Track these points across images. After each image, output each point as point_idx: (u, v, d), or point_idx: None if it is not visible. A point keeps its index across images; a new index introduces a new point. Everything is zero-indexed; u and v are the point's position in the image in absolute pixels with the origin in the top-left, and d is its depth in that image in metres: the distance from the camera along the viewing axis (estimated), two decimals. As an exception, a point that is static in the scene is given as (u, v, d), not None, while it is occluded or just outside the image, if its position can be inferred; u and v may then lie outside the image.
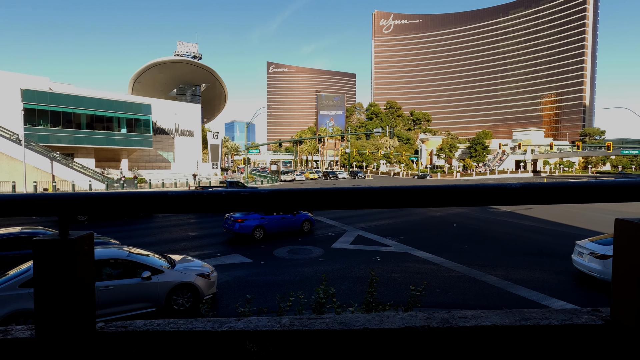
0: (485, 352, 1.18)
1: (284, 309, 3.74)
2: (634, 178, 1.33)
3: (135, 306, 7.75)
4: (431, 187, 1.22)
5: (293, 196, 1.23)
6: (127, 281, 7.72)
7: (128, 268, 7.94)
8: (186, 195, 1.24)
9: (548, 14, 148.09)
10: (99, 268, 7.67)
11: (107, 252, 8.19)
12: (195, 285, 8.40)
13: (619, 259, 1.22)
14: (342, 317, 1.30)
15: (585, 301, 9.14)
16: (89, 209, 1.21)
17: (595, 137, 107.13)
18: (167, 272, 8.29)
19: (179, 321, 1.29)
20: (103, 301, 7.28)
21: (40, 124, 42.82)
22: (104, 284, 7.43)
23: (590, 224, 20.59)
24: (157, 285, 7.96)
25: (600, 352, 1.18)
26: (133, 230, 18.62)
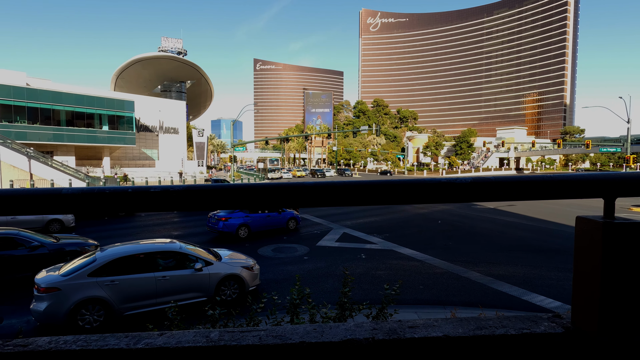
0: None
1: (255, 310, 3.65)
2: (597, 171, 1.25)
3: (188, 295, 8.26)
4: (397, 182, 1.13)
5: (260, 192, 1.11)
6: (181, 272, 8.26)
7: (181, 260, 8.50)
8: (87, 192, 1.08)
9: (531, 14, 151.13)
10: (155, 260, 8.26)
11: (162, 246, 8.82)
12: (241, 277, 8.90)
13: (580, 260, 1.14)
14: (279, 329, 1.18)
15: (565, 294, 9.33)
16: None
17: (575, 136, 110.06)
18: (216, 264, 8.82)
19: (90, 337, 1.13)
20: (161, 290, 7.93)
21: (17, 120, 41.37)
22: (161, 275, 8.04)
23: (568, 220, 21.10)
24: (207, 276, 8.49)
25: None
26: (114, 230, 18.17)
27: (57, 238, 11.54)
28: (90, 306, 7.38)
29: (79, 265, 7.83)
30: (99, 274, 7.60)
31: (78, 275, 7.47)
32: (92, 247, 11.58)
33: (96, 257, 7.92)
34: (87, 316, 7.39)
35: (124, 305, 7.65)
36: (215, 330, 1.19)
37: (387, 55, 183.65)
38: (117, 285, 7.62)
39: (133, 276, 7.81)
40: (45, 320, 7.22)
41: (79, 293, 7.29)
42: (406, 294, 9.09)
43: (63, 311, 7.16)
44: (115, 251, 8.16)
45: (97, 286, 7.45)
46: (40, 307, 7.15)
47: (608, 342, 1.08)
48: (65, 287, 7.29)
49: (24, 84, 43.47)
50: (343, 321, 3.75)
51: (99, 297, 7.41)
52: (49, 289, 7.24)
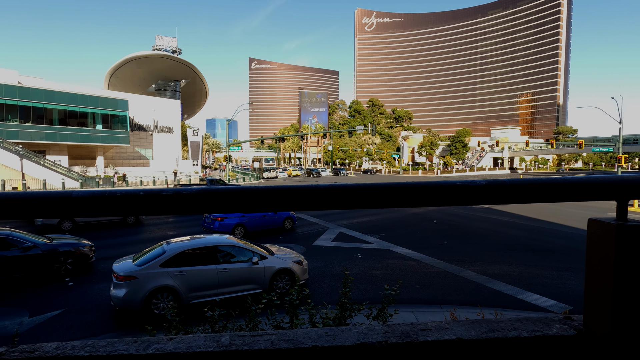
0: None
1: (255, 312, 3.63)
2: (604, 174, 1.25)
3: (245, 287, 8.79)
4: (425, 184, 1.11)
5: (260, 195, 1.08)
6: (239, 265, 8.82)
7: (239, 254, 9.06)
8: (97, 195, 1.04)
9: (524, 15, 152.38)
10: (216, 253, 8.82)
11: (221, 240, 9.32)
12: (292, 271, 9.35)
13: (592, 263, 1.14)
14: (291, 333, 1.16)
15: (558, 293, 9.41)
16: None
17: (568, 135, 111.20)
18: (270, 258, 9.32)
19: (98, 343, 1.10)
20: (222, 281, 8.51)
21: (8, 119, 40.83)
22: (222, 267, 8.60)
23: (562, 219, 21.31)
24: (262, 269, 8.99)
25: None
26: (108, 230, 18.00)
27: (51, 238, 11.40)
28: (162, 294, 7.99)
29: (150, 256, 8.48)
30: (168, 264, 8.21)
31: (151, 266, 8.11)
32: (87, 247, 11.46)
33: (165, 250, 8.53)
34: (159, 303, 7.99)
35: (190, 294, 8.24)
36: (226, 334, 1.16)
37: (383, 55, 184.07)
38: (184, 276, 8.22)
39: (198, 268, 8.41)
40: (123, 305, 7.84)
41: (153, 282, 7.92)
42: (403, 293, 9.10)
43: (139, 298, 7.76)
44: (181, 244, 8.82)
45: (167, 276, 8.08)
46: (120, 293, 7.77)
47: (621, 345, 1.07)
48: (141, 275, 7.93)
49: (15, 82, 42.90)
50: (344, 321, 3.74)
51: (169, 285, 8.02)
52: (127, 277, 7.86)
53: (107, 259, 12.68)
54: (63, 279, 10.51)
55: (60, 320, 7.86)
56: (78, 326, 7.63)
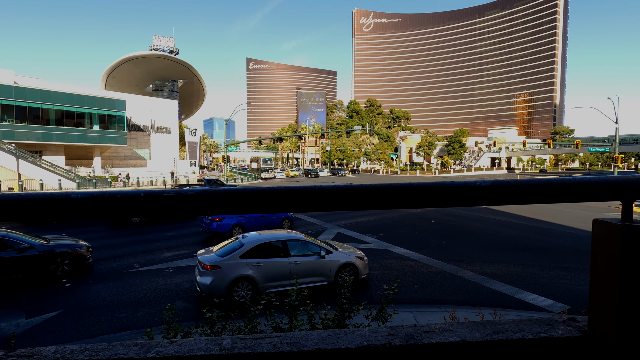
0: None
1: (254, 312, 3.61)
2: (603, 175, 1.24)
3: (314, 279, 9.44)
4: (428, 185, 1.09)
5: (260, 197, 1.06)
6: (308, 258, 9.46)
7: (307, 248, 9.68)
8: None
9: (521, 15, 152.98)
10: (287, 247, 9.46)
11: (290, 235, 9.97)
12: (356, 265, 9.91)
13: (597, 264, 1.13)
14: (293, 335, 1.14)
15: (556, 292, 9.43)
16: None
17: (565, 136, 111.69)
18: (335, 253, 9.92)
19: (98, 347, 1.08)
20: (294, 272, 9.10)
21: (4, 119, 40.58)
22: (293, 260, 9.27)
23: (559, 219, 21.39)
24: (329, 263, 9.62)
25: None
26: (105, 231, 17.92)
27: (47, 239, 11.32)
28: (242, 283, 8.74)
29: (229, 248, 9.26)
30: (247, 256, 8.96)
31: (232, 257, 8.87)
32: (84, 248, 11.40)
33: (243, 243, 9.28)
34: (240, 291, 8.73)
35: (265, 284, 8.92)
36: (227, 337, 1.15)
37: (380, 55, 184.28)
38: (261, 267, 8.93)
39: (272, 260, 9.12)
40: (209, 292, 8.53)
41: (235, 271, 8.69)
42: (401, 293, 9.11)
43: (224, 286, 8.51)
44: (257, 238, 9.53)
45: (247, 266, 8.83)
46: (207, 281, 8.56)
47: (627, 346, 1.06)
48: (225, 265, 8.69)
49: (12, 82, 42.64)
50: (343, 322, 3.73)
51: (248, 275, 8.77)
52: (213, 267, 8.63)
53: (104, 259, 12.62)
54: (60, 280, 10.44)
55: (57, 322, 7.81)
56: (75, 327, 7.58)
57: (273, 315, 3.55)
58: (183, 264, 12.14)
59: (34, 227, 17.55)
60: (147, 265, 11.91)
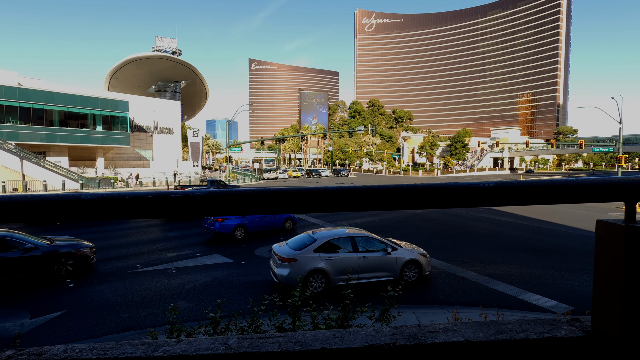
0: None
1: (257, 313, 3.61)
2: (606, 175, 1.24)
3: (380, 274, 9.98)
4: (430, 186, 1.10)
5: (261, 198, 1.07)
6: (375, 254, 9.96)
7: (374, 244, 10.18)
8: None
9: (524, 15, 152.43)
10: (355, 242, 10.02)
11: (357, 232, 10.48)
12: (420, 262, 10.28)
13: (601, 264, 1.13)
14: (298, 335, 1.15)
15: (559, 293, 9.39)
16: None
17: (568, 136, 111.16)
18: (400, 250, 10.29)
19: (106, 345, 1.10)
20: (362, 267, 9.73)
21: (9, 120, 40.83)
22: (362, 255, 9.83)
23: (562, 220, 21.30)
24: (395, 259, 10.07)
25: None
26: (109, 232, 17.99)
27: (51, 240, 11.38)
28: (316, 275, 9.39)
29: (302, 242, 9.97)
30: (320, 250, 9.59)
31: (307, 250, 9.54)
32: (87, 248, 11.45)
33: (315, 238, 9.93)
34: (314, 283, 9.35)
35: (336, 277, 9.53)
36: (233, 337, 1.16)
37: (383, 56, 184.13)
38: (332, 261, 9.54)
39: (343, 254, 9.72)
40: (287, 283, 9.17)
41: (310, 264, 9.36)
42: (404, 294, 9.09)
43: (300, 277, 8.40)
44: (328, 234, 10.18)
45: (320, 260, 9.48)
46: (284, 272, 9.29)
47: (630, 347, 1.06)
48: (300, 258, 9.39)
49: (15, 83, 42.91)
50: (346, 323, 3.73)
51: (321, 268, 9.40)
52: (289, 259, 9.34)
53: (107, 260, 12.67)
54: (64, 281, 10.50)
55: (61, 322, 7.85)
56: (79, 327, 7.62)
57: (276, 316, 3.56)
58: (186, 264, 12.17)
59: (37, 228, 17.66)
60: (150, 266, 11.95)
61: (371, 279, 9.86)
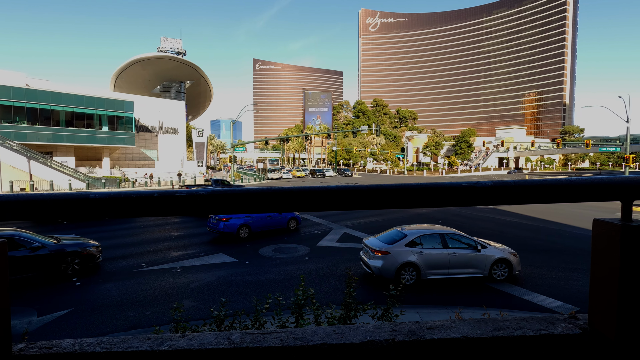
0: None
1: (261, 311, 3.64)
2: (610, 175, 1.25)
3: (469, 270, 10.23)
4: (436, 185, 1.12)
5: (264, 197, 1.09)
6: (465, 251, 10.25)
7: (464, 242, 10.45)
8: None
9: (530, 14, 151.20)
10: (445, 239, 10.33)
11: (447, 229, 10.87)
12: (510, 261, 10.37)
13: (597, 263, 1.14)
14: (299, 331, 1.18)
15: (565, 294, 9.33)
16: None
17: (575, 135, 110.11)
18: (490, 248, 10.47)
19: (113, 340, 1.14)
20: (452, 263, 10.08)
21: (16, 121, 41.30)
22: (452, 251, 10.15)
23: (568, 220, 21.12)
24: (484, 257, 10.24)
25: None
26: (114, 231, 18.15)
27: (58, 239, 11.52)
28: (407, 268, 9.93)
29: (392, 237, 10.50)
30: (411, 245, 10.10)
31: (399, 244, 10.09)
32: (93, 247, 11.57)
33: (406, 233, 10.42)
34: (406, 275, 9.91)
35: (427, 271, 10.01)
36: (236, 332, 1.19)
37: (387, 55, 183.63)
38: (423, 255, 9.98)
39: (433, 250, 10.12)
40: (380, 274, 9.93)
41: (402, 257, 9.90)
42: (407, 294, 9.09)
43: (393, 269, 9.83)
44: (418, 230, 10.58)
45: (412, 254, 9.98)
46: (378, 264, 9.96)
47: (626, 344, 1.07)
48: (393, 252, 9.94)
49: (23, 84, 43.38)
50: (349, 321, 3.75)
51: (413, 262, 9.91)
52: (383, 252, 9.97)
53: (113, 259, 12.79)
54: (70, 279, 10.62)
55: (68, 320, 7.95)
56: (85, 325, 7.71)
57: (280, 314, 3.59)
58: (190, 263, 12.25)
59: (45, 227, 17.86)
60: (155, 265, 12.05)
61: (460, 275, 10.17)
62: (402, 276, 9.88)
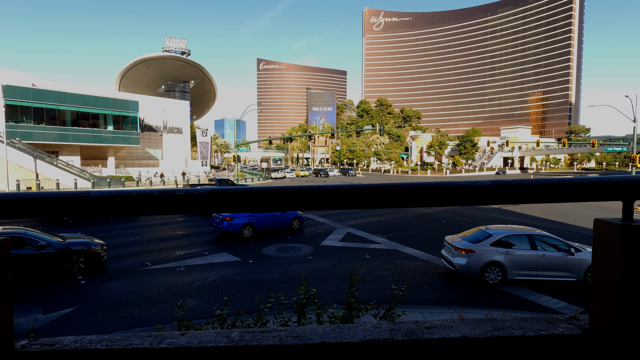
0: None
1: (263, 310, 3.66)
2: (613, 175, 1.24)
3: (561, 274, 10.07)
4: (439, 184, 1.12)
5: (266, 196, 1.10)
6: (556, 254, 10.10)
7: (554, 244, 10.27)
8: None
9: (535, 12, 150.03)
10: (533, 240, 10.22)
11: (534, 231, 10.66)
12: None
13: (598, 263, 1.14)
14: (298, 329, 1.19)
15: (570, 295, 9.27)
16: None
17: (581, 135, 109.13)
18: (584, 251, 10.22)
19: (114, 337, 1.16)
20: (541, 265, 9.98)
21: (23, 120, 41.69)
22: (541, 253, 10.06)
23: (572, 220, 20.96)
24: (578, 261, 10.02)
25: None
26: (119, 230, 18.28)
27: (64, 237, 11.62)
28: (492, 267, 9.99)
29: (476, 237, 10.61)
30: (497, 245, 10.14)
31: (483, 244, 10.18)
32: (98, 246, 11.67)
33: (491, 233, 10.50)
34: (491, 274, 9.98)
35: (514, 272, 10.00)
36: (235, 330, 1.20)
37: (391, 55, 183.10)
38: (509, 255, 9.98)
39: (521, 250, 10.06)
40: (464, 272, 10.14)
41: (487, 256, 9.97)
42: (411, 294, 9.06)
43: (477, 268, 9.96)
44: (503, 230, 10.60)
45: (497, 254, 10.02)
46: (462, 262, 10.13)
47: (627, 345, 1.07)
48: (478, 250, 10.06)
49: (29, 84, 43.79)
50: (351, 321, 3.75)
51: (498, 261, 9.94)
52: (467, 251, 10.15)
53: (118, 257, 12.89)
54: (75, 277, 10.72)
55: (72, 318, 8.02)
56: (90, 323, 7.78)
57: (282, 313, 3.60)
58: (194, 262, 12.31)
59: (50, 226, 18.02)
60: (159, 264, 12.12)
61: (550, 278, 10.02)
62: (487, 275, 9.95)
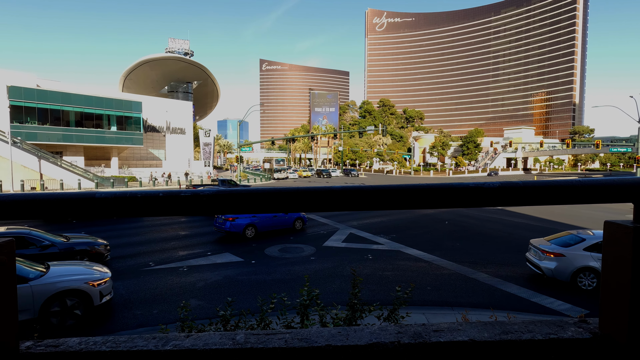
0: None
1: (266, 311, 3.65)
2: (621, 176, 1.22)
3: None
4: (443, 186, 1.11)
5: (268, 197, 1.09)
6: None
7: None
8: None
9: (539, 12, 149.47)
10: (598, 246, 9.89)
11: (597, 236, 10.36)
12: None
13: (608, 266, 1.12)
14: (304, 332, 1.18)
15: (574, 296, 9.20)
16: None
17: (585, 135, 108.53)
18: None
19: (119, 339, 1.16)
20: None
21: (27, 121, 41.96)
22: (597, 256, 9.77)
23: (577, 221, 20.83)
24: None
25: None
26: (122, 230, 18.35)
27: (67, 237, 11.68)
28: (586, 273, 9.63)
29: (565, 241, 10.38)
30: (591, 249, 9.72)
31: (576, 248, 9.87)
32: (102, 246, 11.71)
33: (584, 237, 10.22)
34: (584, 280, 9.66)
35: None
36: (240, 332, 1.19)
37: (393, 55, 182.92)
38: None
39: None
40: (553, 275, 9.88)
41: (578, 261, 9.66)
42: (414, 295, 9.01)
43: (568, 272, 9.68)
44: (599, 234, 10.22)
45: (591, 259, 9.62)
46: (550, 265, 9.87)
47: (638, 349, 1.05)
48: (569, 255, 9.79)
49: (34, 85, 44.07)
50: (354, 322, 3.74)
51: (593, 267, 9.52)
52: (557, 254, 9.88)
53: (121, 257, 12.93)
54: (79, 277, 10.74)
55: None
56: (93, 323, 7.79)
57: (285, 314, 3.59)
58: (197, 262, 12.33)
59: (54, 226, 18.12)
60: (162, 264, 12.15)
61: None
62: (580, 281, 9.60)
